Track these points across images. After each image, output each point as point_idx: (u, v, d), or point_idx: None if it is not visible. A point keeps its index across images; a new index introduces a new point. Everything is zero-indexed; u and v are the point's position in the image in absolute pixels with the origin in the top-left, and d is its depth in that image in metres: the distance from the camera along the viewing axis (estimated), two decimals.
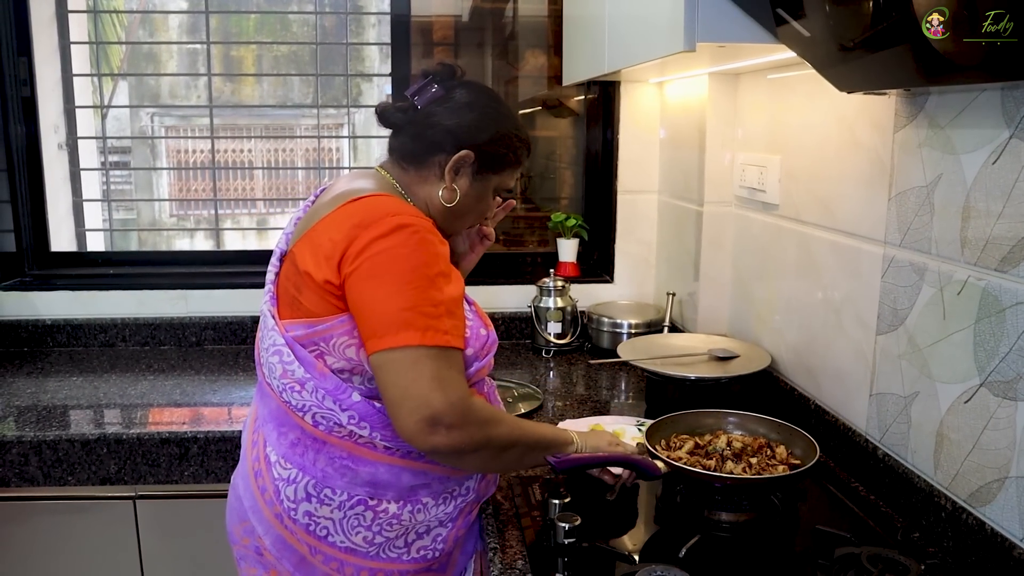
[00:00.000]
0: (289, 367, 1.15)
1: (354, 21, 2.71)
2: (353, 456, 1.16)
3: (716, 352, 1.78)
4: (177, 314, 2.35)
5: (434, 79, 1.27)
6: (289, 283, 1.18)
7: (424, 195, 1.27)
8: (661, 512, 1.35)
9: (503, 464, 1.23)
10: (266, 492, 1.19)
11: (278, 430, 1.20)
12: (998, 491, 1.08)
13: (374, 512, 1.17)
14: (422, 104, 1.26)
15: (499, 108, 1.28)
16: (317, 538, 1.17)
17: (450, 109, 1.25)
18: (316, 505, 1.16)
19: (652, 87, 2.36)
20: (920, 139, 1.25)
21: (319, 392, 1.13)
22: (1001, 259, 1.07)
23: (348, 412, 1.13)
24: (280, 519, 1.18)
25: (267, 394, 1.21)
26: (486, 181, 1.28)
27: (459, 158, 1.23)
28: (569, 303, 2.26)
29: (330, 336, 1.13)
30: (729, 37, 1.25)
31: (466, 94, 1.27)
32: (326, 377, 1.13)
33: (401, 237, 1.09)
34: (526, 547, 1.21)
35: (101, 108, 2.63)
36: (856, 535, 1.19)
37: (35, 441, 1.71)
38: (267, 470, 1.20)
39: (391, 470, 1.17)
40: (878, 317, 1.37)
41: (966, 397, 1.15)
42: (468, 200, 1.28)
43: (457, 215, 1.29)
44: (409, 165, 1.27)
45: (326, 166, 3.16)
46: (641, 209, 2.43)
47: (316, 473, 1.16)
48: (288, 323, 1.16)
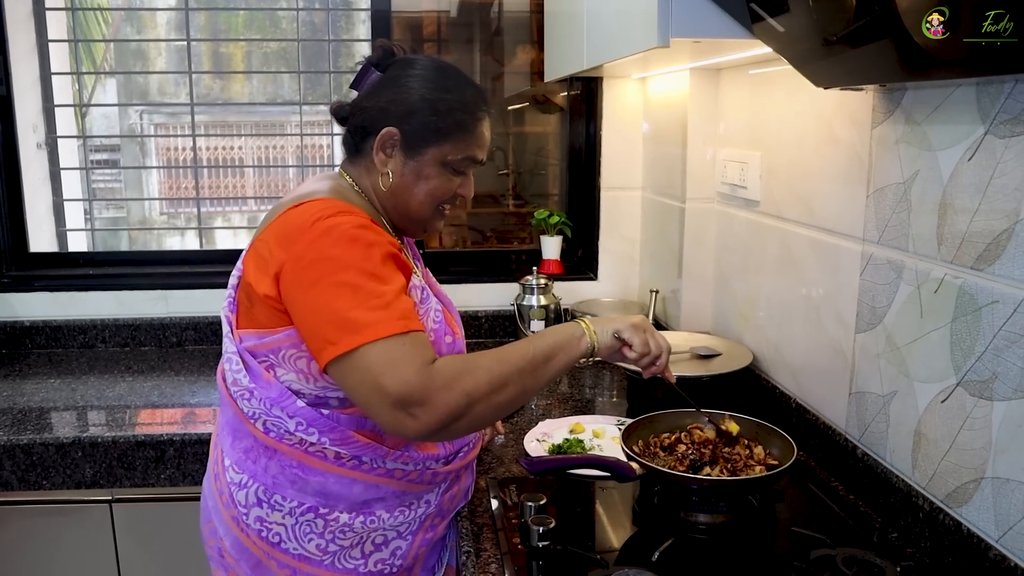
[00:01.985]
0: (238, 375, 1.14)
1: (345, 17, 2.69)
2: (303, 465, 1.14)
3: (698, 350, 1.77)
4: (157, 314, 2.33)
5: (370, 64, 1.22)
6: (243, 292, 1.16)
7: (370, 185, 1.22)
8: (638, 514, 1.33)
9: (513, 401, 1.08)
10: (223, 494, 1.19)
11: (232, 435, 1.19)
12: (974, 491, 1.07)
13: (325, 520, 1.16)
14: (361, 92, 1.22)
15: (428, 75, 1.19)
16: (270, 544, 1.16)
17: (377, 90, 1.19)
18: (267, 511, 1.15)
19: (635, 83, 2.34)
20: (897, 135, 1.23)
21: (265, 401, 1.12)
22: (977, 257, 1.06)
23: (295, 419, 1.12)
24: (236, 522, 1.17)
25: (225, 402, 1.20)
26: (422, 156, 1.18)
27: (382, 137, 1.17)
28: (552, 301, 2.24)
29: (279, 348, 1.11)
30: (704, 32, 1.24)
31: (398, 71, 1.20)
32: (271, 386, 1.12)
33: (329, 240, 1.05)
34: (500, 550, 1.19)
35: (80, 107, 2.60)
36: (835, 535, 1.18)
37: (9, 445, 1.69)
38: (223, 473, 1.19)
39: (341, 481, 1.15)
40: (857, 315, 1.36)
41: (943, 396, 1.13)
42: (407, 180, 1.19)
43: (401, 199, 1.21)
44: (353, 158, 1.24)
45: (315, 164, 3.14)
46: (624, 206, 2.41)
47: (267, 480, 1.15)
48: (242, 332, 1.15)
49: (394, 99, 1.17)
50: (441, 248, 2.64)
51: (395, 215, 1.23)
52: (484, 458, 1.51)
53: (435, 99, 1.17)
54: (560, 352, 1.12)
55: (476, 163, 1.23)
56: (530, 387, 1.09)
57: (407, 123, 1.17)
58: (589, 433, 1.62)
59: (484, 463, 1.49)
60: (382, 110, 1.17)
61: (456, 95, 1.19)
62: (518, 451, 1.55)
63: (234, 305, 1.19)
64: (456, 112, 1.18)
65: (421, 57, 1.23)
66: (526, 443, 1.55)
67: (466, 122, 1.19)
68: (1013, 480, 1.00)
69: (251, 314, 1.13)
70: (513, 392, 1.06)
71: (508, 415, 1.09)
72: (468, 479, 1.33)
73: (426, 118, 1.17)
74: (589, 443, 1.56)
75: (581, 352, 1.14)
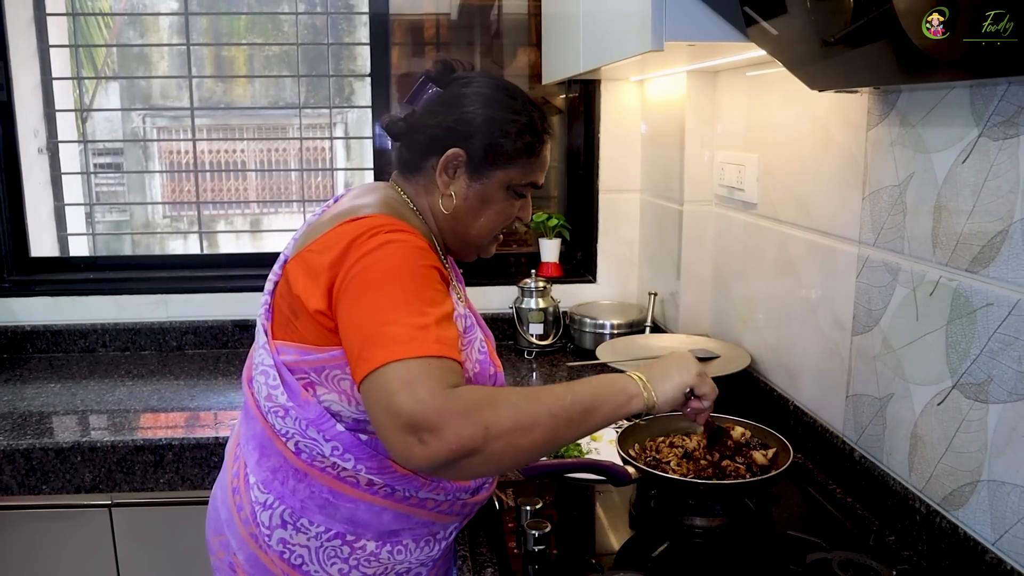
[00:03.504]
0: (274, 391, 1.08)
1: (347, 20, 2.69)
2: (334, 491, 1.09)
3: (696, 353, 1.76)
4: (157, 319, 2.34)
5: (429, 79, 1.18)
6: (284, 301, 1.10)
7: (427, 205, 1.17)
8: (636, 517, 1.33)
9: (538, 448, 0.95)
10: (242, 511, 1.15)
11: (260, 452, 1.13)
12: (971, 494, 1.07)
13: (351, 547, 1.12)
14: (420, 108, 1.17)
15: (493, 96, 1.15)
16: (291, 566, 1.12)
17: (440, 108, 1.15)
18: (292, 533, 1.11)
19: (633, 85, 2.34)
20: (892, 137, 1.23)
21: (301, 421, 1.07)
22: (971, 259, 1.06)
23: (332, 443, 1.07)
24: (255, 539, 1.14)
25: (252, 415, 1.15)
26: (488, 179, 1.15)
27: (446, 159, 1.13)
28: (551, 304, 2.24)
29: (323, 368, 1.06)
30: (698, 36, 1.24)
31: (460, 89, 1.16)
32: (309, 406, 1.07)
33: (383, 254, 0.99)
34: (496, 554, 1.19)
35: (80, 111, 2.61)
36: (832, 538, 1.18)
37: (9, 450, 1.69)
38: (245, 490, 1.15)
39: (371, 509, 1.10)
40: (853, 318, 1.35)
41: (939, 399, 1.13)
42: (471, 204, 1.16)
43: (463, 222, 1.17)
44: (410, 175, 1.19)
45: (317, 167, 3.14)
46: (623, 208, 2.41)
47: (295, 503, 1.10)
48: (281, 344, 1.09)
49: (460, 118, 1.13)
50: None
51: (451, 237, 1.20)
52: None
53: (503, 120, 1.13)
54: (603, 406, 1.01)
55: (537, 187, 1.21)
56: (562, 437, 0.97)
57: (473, 144, 1.13)
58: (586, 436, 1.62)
59: None
60: (449, 130, 1.13)
61: (524, 116, 1.15)
62: None
63: (270, 313, 1.13)
64: (524, 135, 1.15)
65: (481, 74, 1.19)
66: None
67: (533, 145, 1.16)
68: (1009, 483, 1.00)
69: (293, 327, 1.08)
70: (540, 438, 0.94)
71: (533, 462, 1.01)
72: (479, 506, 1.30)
73: (493, 140, 1.13)
74: (586, 446, 1.56)
75: (633, 411, 1.04)
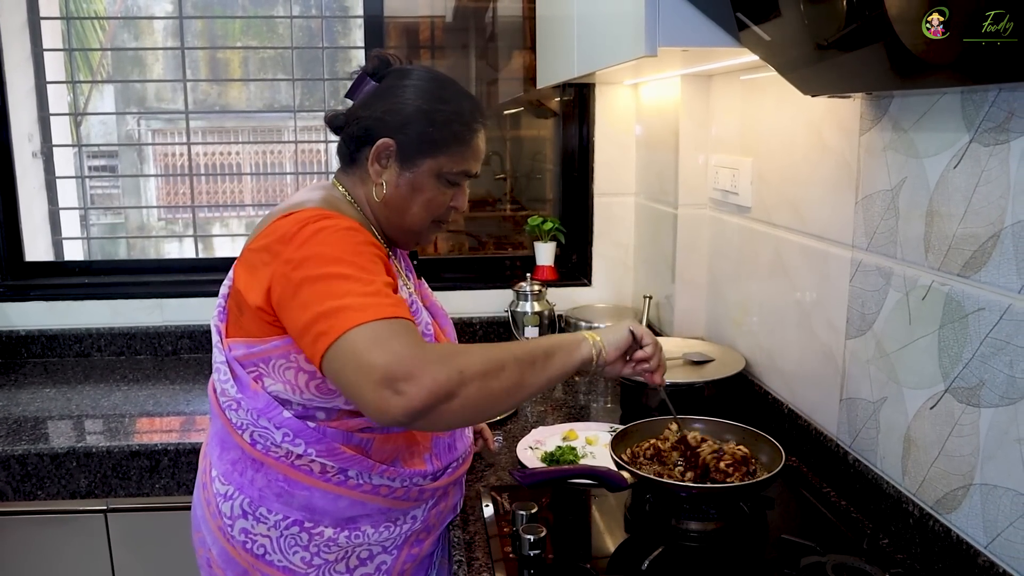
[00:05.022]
0: (226, 385, 1.14)
1: (341, 23, 2.70)
2: (289, 479, 1.14)
3: (691, 356, 1.77)
4: (152, 323, 2.33)
5: (366, 74, 1.21)
6: (233, 301, 1.16)
7: (363, 196, 1.21)
8: (630, 521, 1.34)
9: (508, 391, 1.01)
10: (211, 505, 1.20)
11: (221, 447, 1.19)
12: (963, 498, 1.08)
13: (310, 534, 1.16)
14: (356, 101, 1.21)
15: (424, 87, 1.18)
16: (254, 556, 1.16)
17: (373, 100, 1.19)
18: (252, 523, 1.16)
19: (627, 89, 2.35)
20: (885, 142, 1.24)
21: (252, 412, 1.12)
22: (963, 264, 1.06)
23: (282, 430, 1.12)
24: (223, 532, 1.18)
25: (214, 414, 1.21)
26: (417, 167, 1.17)
27: (377, 148, 1.16)
28: (546, 307, 2.25)
29: (268, 358, 1.11)
30: (691, 41, 1.24)
31: (394, 81, 1.19)
32: (258, 396, 1.12)
33: (317, 240, 1.03)
34: (492, 558, 1.20)
35: (75, 115, 2.61)
36: (826, 542, 1.18)
37: (4, 455, 1.69)
38: (210, 483, 1.20)
39: (326, 496, 1.15)
40: (847, 321, 1.36)
41: (932, 403, 1.14)
42: (402, 192, 1.18)
43: (396, 210, 1.20)
44: (348, 168, 1.23)
45: (312, 170, 3.14)
46: (618, 212, 2.41)
47: (253, 493, 1.15)
48: (231, 341, 1.15)
49: (390, 109, 1.16)
50: (436, 255, 2.65)
51: (388, 227, 1.23)
52: (476, 466, 1.52)
53: (431, 110, 1.16)
54: (559, 351, 1.09)
55: (470, 176, 1.23)
56: (528, 381, 1.04)
57: (403, 134, 1.16)
58: (582, 440, 1.62)
59: (476, 471, 1.50)
60: (378, 120, 1.16)
61: (453, 106, 1.18)
62: (511, 458, 1.55)
63: (224, 314, 1.19)
64: (453, 124, 1.18)
65: (417, 68, 1.22)
66: (519, 451, 1.55)
67: (462, 134, 1.19)
68: (1000, 487, 1.01)
69: (240, 323, 1.13)
70: (509, 380, 1.00)
71: (502, 414, 1.04)
72: (456, 495, 1.32)
73: (422, 129, 1.16)
74: (582, 450, 1.56)
75: (582, 356, 1.11)
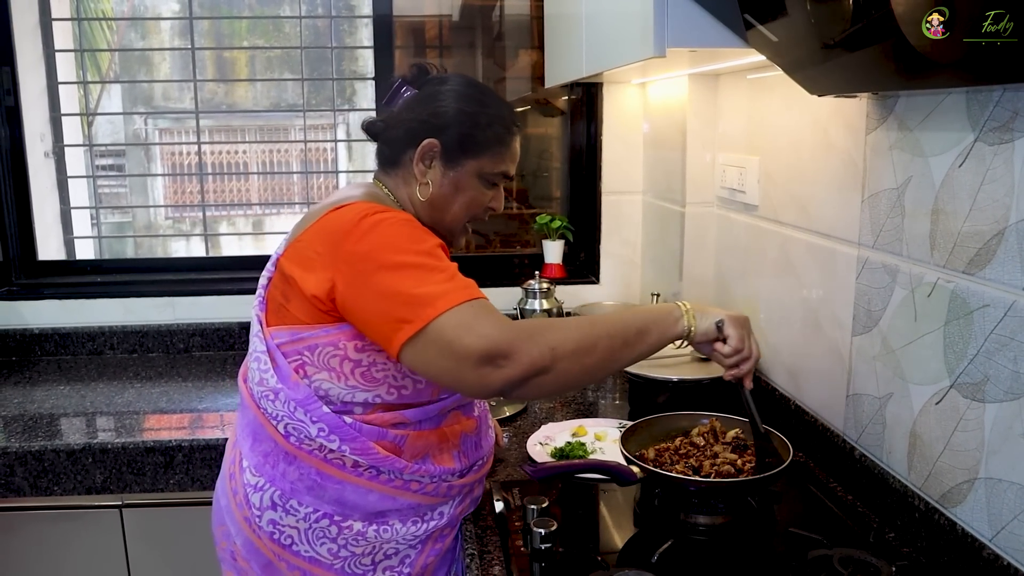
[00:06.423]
0: (265, 375, 1.15)
1: (349, 22, 2.71)
2: (322, 474, 1.16)
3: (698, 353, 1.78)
4: (164, 321, 2.36)
5: (404, 82, 1.27)
6: (277, 290, 1.18)
7: (407, 196, 1.26)
8: (640, 515, 1.35)
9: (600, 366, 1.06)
10: (237, 495, 1.21)
11: (253, 438, 1.20)
12: (968, 492, 1.09)
13: (339, 527, 1.18)
14: (397, 107, 1.26)
15: (465, 92, 1.24)
16: (281, 546, 1.18)
17: (415, 105, 1.24)
18: (281, 514, 1.17)
19: (635, 88, 2.36)
20: (891, 141, 1.25)
21: (290, 403, 1.14)
22: (968, 261, 1.08)
23: (318, 424, 1.14)
24: (249, 523, 1.20)
25: (246, 406, 1.22)
26: (460, 167, 1.23)
27: (422, 148, 1.21)
28: (555, 305, 2.26)
29: (315, 346, 1.13)
30: (699, 42, 1.25)
31: (434, 87, 1.25)
32: (298, 387, 1.14)
33: (379, 231, 1.07)
34: (503, 552, 1.22)
35: (86, 115, 2.63)
36: (833, 536, 1.20)
37: (20, 451, 1.72)
38: (240, 474, 1.21)
39: (358, 491, 1.17)
40: (853, 318, 1.38)
41: (937, 399, 1.15)
42: (445, 190, 1.24)
43: (439, 208, 1.26)
44: (390, 169, 1.27)
45: (319, 169, 3.16)
46: (626, 210, 2.43)
47: (284, 485, 1.17)
48: (274, 330, 1.16)
49: (434, 112, 1.22)
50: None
51: (429, 225, 1.25)
52: None
53: (474, 112, 1.22)
54: (654, 327, 1.11)
55: (507, 177, 1.29)
56: (620, 357, 1.08)
57: (446, 135, 1.21)
58: (591, 436, 1.64)
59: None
60: (423, 122, 1.22)
61: (493, 110, 1.24)
62: (521, 454, 1.57)
63: (263, 304, 1.20)
64: (494, 126, 1.24)
65: (454, 75, 1.28)
66: (529, 446, 1.57)
67: (503, 136, 1.25)
68: (1005, 480, 1.02)
69: (285, 311, 1.15)
70: (601, 356, 1.05)
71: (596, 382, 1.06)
72: (479, 490, 1.34)
73: (466, 131, 1.22)
74: (591, 446, 1.58)
75: (676, 333, 1.14)
